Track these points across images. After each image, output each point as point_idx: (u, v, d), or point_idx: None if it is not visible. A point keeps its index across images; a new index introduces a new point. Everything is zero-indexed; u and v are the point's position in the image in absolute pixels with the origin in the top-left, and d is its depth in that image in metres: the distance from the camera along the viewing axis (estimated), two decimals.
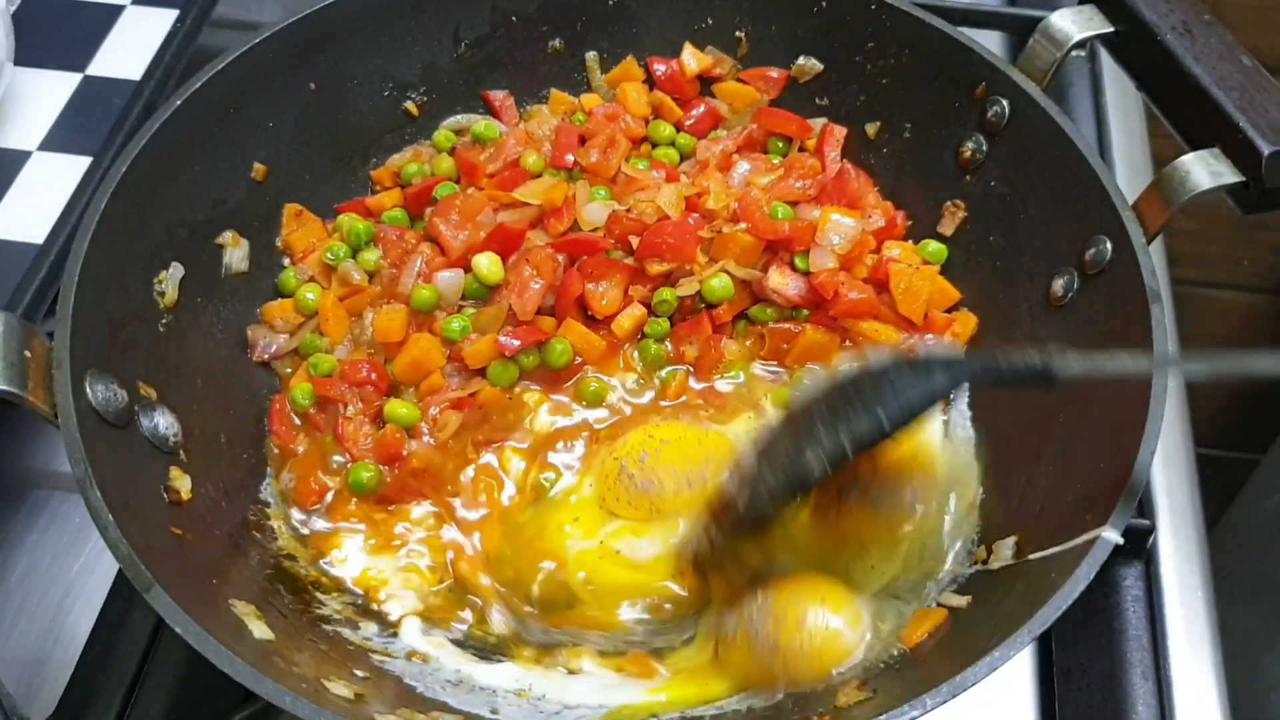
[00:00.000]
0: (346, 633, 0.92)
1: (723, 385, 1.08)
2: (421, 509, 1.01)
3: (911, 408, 0.82)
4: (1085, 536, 0.78)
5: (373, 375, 1.03)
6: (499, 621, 0.96)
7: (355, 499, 1.00)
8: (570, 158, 1.15)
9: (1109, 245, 0.93)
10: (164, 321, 0.96)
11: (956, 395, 1.07)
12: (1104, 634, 0.99)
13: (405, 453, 1.01)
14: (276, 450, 1.04)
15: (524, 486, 1.02)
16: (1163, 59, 0.96)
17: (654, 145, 1.19)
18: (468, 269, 1.07)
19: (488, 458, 1.04)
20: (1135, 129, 1.37)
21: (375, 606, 0.96)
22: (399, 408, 1.02)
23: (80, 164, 1.16)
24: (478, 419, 1.04)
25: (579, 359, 1.07)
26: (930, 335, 1.09)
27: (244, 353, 1.06)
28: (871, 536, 0.97)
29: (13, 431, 1.12)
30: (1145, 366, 0.83)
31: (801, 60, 1.18)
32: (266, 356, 1.07)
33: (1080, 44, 1.01)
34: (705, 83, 1.22)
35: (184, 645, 0.72)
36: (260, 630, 0.82)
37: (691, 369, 1.09)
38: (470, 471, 1.03)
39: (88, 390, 0.82)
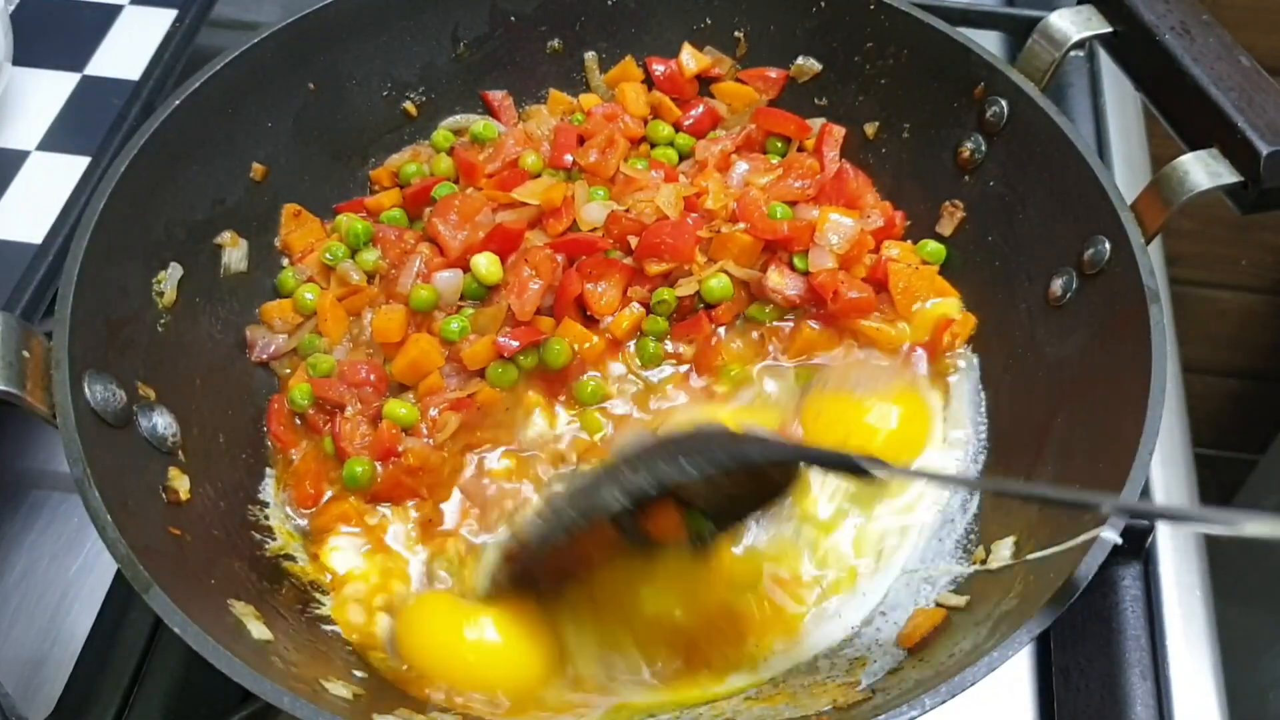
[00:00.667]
0: (346, 632, 0.92)
1: (720, 386, 1.08)
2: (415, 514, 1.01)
3: (717, 460, 0.84)
4: (1084, 536, 0.78)
5: (371, 376, 1.03)
6: None
7: (351, 497, 1.00)
8: (569, 158, 1.15)
9: (1107, 245, 0.93)
10: (163, 321, 0.96)
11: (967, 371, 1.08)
12: (1102, 634, 0.99)
13: (401, 449, 1.00)
14: (276, 451, 1.04)
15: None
16: (1161, 59, 0.96)
17: (653, 145, 1.19)
18: (466, 269, 1.07)
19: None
20: (1134, 129, 1.37)
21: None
22: (398, 408, 1.02)
23: (79, 164, 1.16)
24: (476, 420, 1.04)
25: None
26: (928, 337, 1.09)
27: (243, 353, 1.06)
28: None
29: (11, 431, 1.12)
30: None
31: (800, 60, 1.18)
32: (265, 357, 1.07)
33: (1079, 44, 1.01)
34: (704, 83, 1.22)
35: (182, 645, 0.72)
36: (259, 630, 0.82)
37: (691, 368, 1.09)
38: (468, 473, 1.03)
39: (86, 390, 0.82)
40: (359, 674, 0.87)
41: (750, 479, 0.87)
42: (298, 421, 1.04)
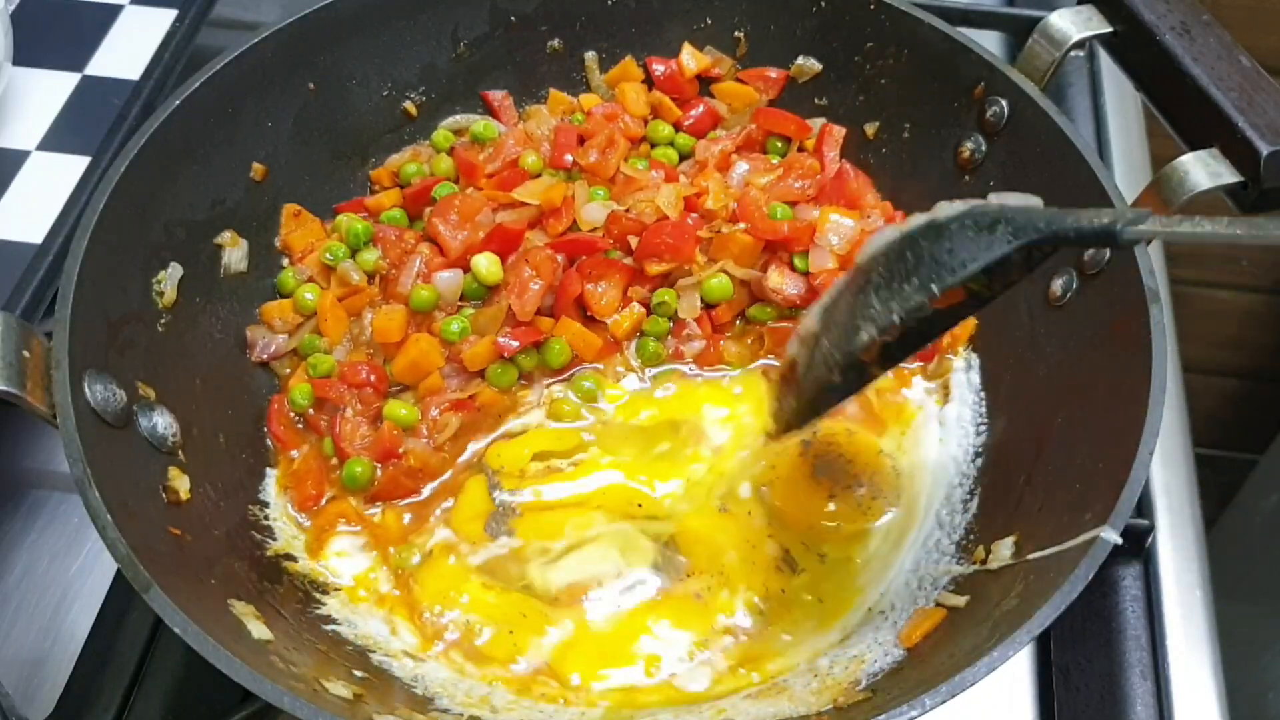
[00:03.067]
0: (345, 632, 0.92)
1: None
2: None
3: (966, 273, 0.79)
4: (1084, 536, 0.78)
5: (372, 377, 1.03)
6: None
7: (350, 497, 1.00)
8: (569, 158, 1.15)
9: None
10: (163, 321, 0.96)
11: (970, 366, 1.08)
12: (1103, 633, 0.99)
13: (401, 450, 1.00)
14: (277, 451, 1.04)
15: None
16: (1161, 59, 0.96)
17: (653, 145, 1.19)
18: (467, 269, 1.07)
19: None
20: (1134, 129, 1.37)
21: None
22: (399, 408, 1.02)
23: (79, 164, 1.16)
24: (477, 419, 1.04)
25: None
26: None
27: (243, 353, 1.06)
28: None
29: (11, 431, 1.12)
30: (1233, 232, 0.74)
31: (800, 60, 1.18)
32: (265, 357, 1.07)
33: (1079, 44, 1.01)
34: (704, 83, 1.21)
35: (182, 645, 0.72)
36: (259, 630, 0.82)
37: (691, 367, 1.09)
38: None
39: (86, 390, 0.82)
40: (359, 674, 0.87)
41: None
42: (298, 422, 1.04)
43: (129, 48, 1.27)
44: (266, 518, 0.99)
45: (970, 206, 0.82)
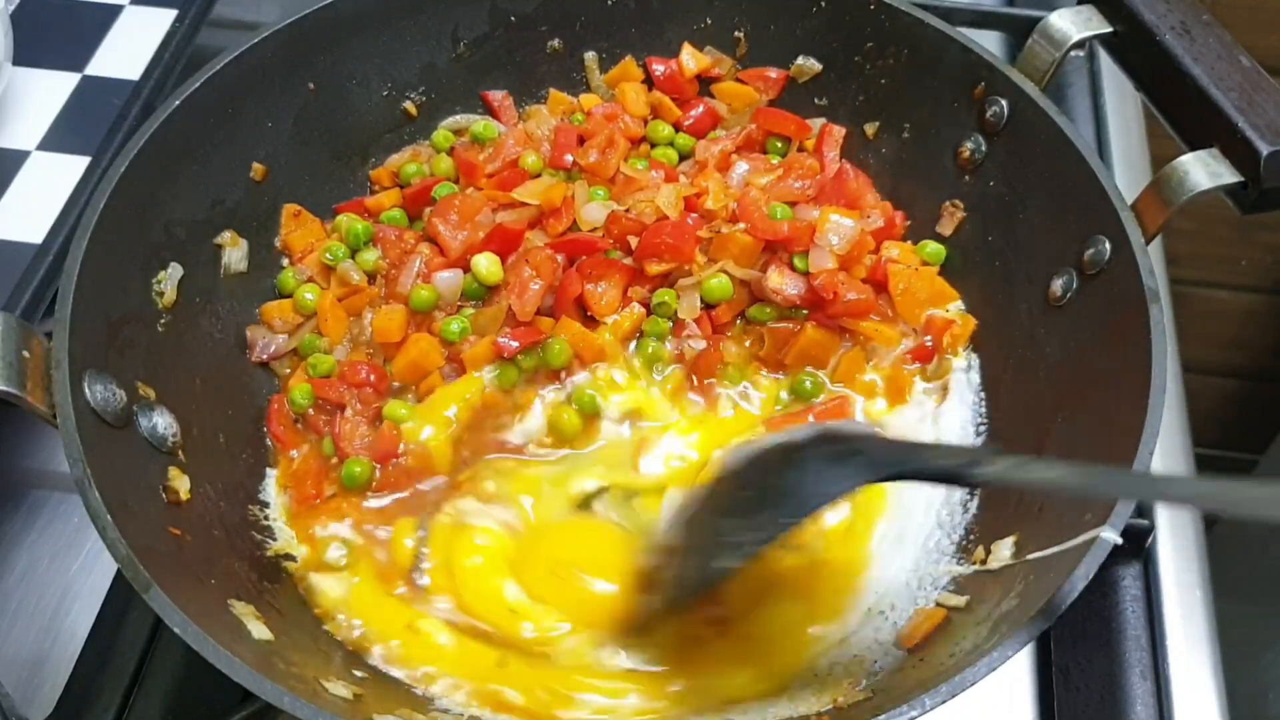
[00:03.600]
0: (345, 632, 0.92)
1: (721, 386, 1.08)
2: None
3: (817, 505, 0.84)
4: (1084, 536, 0.78)
5: (371, 377, 1.03)
6: None
7: (351, 496, 1.00)
8: (569, 158, 1.15)
9: (1108, 245, 0.93)
10: (163, 321, 0.96)
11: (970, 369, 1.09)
12: (1103, 634, 0.99)
13: (401, 450, 1.00)
14: (277, 451, 1.04)
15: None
16: (1161, 59, 0.96)
17: (653, 145, 1.19)
18: (467, 269, 1.07)
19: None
20: (1134, 129, 1.37)
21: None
22: (399, 408, 1.02)
23: (79, 164, 1.16)
24: (479, 419, 1.04)
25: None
26: (928, 338, 1.09)
27: (243, 353, 1.06)
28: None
29: (11, 431, 1.12)
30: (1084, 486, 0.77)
31: (800, 60, 1.18)
32: (265, 357, 1.07)
33: (1079, 44, 1.01)
34: (704, 83, 1.21)
35: (182, 645, 0.72)
36: (259, 630, 0.82)
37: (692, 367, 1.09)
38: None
39: (86, 390, 0.82)
40: (359, 674, 0.87)
41: None
42: (297, 422, 1.04)
43: (129, 48, 1.27)
44: (266, 518, 0.99)
45: (822, 432, 0.88)
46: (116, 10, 1.31)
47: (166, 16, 1.30)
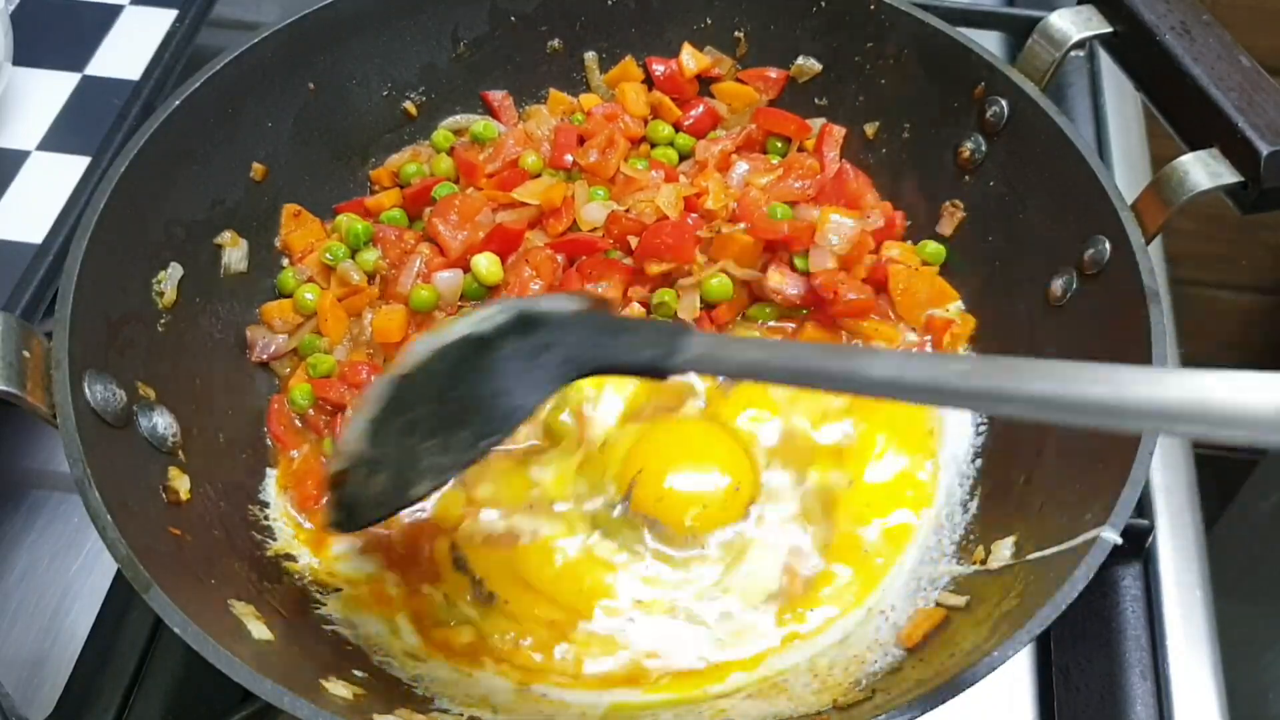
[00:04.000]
0: (345, 632, 0.92)
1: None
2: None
3: (516, 421, 0.78)
4: (1084, 536, 0.78)
5: (372, 378, 1.03)
6: None
7: None
8: (569, 158, 1.15)
9: (1107, 245, 0.93)
10: (163, 321, 0.96)
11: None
12: (1102, 634, 0.99)
13: None
14: (278, 451, 1.04)
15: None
16: (1161, 59, 0.96)
17: (653, 145, 1.19)
18: (467, 269, 1.07)
19: None
20: (1134, 129, 1.37)
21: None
22: None
23: (79, 164, 1.16)
24: None
25: None
26: (928, 338, 1.09)
27: (243, 353, 1.06)
28: None
29: (11, 431, 1.12)
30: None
31: (800, 60, 1.18)
32: (265, 357, 1.07)
33: (1079, 44, 1.01)
34: (704, 83, 1.21)
35: (182, 645, 0.72)
36: (259, 630, 0.82)
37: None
38: None
39: (86, 390, 0.82)
40: (359, 674, 0.87)
41: None
42: (298, 422, 1.04)
43: (129, 48, 1.27)
44: (266, 518, 0.99)
45: (516, 314, 0.78)
46: (116, 10, 1.31)
47: (166, 16, 1.30)
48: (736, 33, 1.19)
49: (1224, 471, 2.15)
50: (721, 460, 1.00)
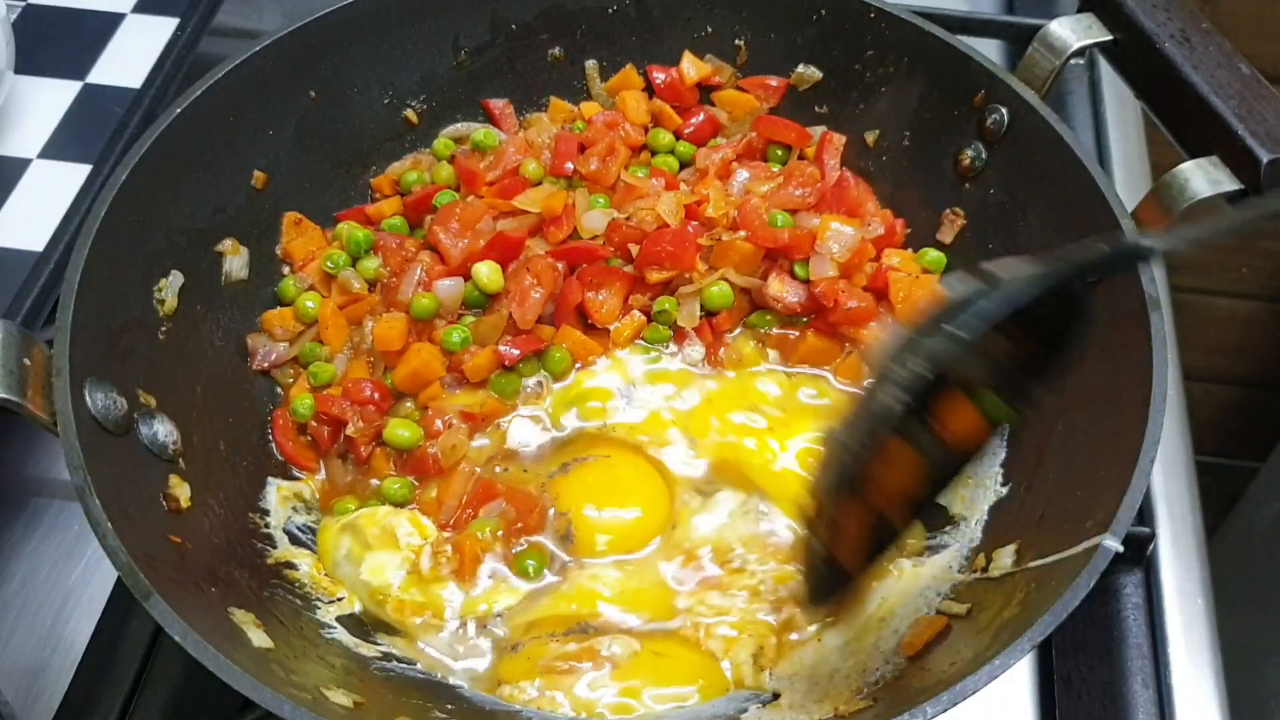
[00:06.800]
0: (346, 640, 0.92)
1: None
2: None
3: (983, 313, 0.74)
4: (1086, 544, 0.78)
5: (376, 395, 1.03)
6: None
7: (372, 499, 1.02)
8: (570, 166, 1.15)
9: None
10: (163, 329, 0.96)
11: None
12: (1104, 642, 0.99)
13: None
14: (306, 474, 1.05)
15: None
16: (1161, 67, 0.96)
17: (653, 153, 1.19)
18: (468, 277, 1.07)
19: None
20: (1134, 137, 1.38)
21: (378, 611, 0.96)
22: (399, 428, 1.01)
23: (80, 172, 1.16)
24: (479, 426, 1.04)
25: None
26: None
27: (244, 361, 1.06)
28: None
29: (12, 439, 1.12)
30: None
31: (801, 68, 1.18)
32: (266, 365, 1.07)
33: (1079, 52, 1.02)
34: (705, 91, 1.22)
35: (182, 653, 0.72)
36: (259, 638, 0.82)
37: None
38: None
39: (87, 398, 0.82)
40: (359, 682, 0.87)
41: (1027, 330, 0.76)
42: (303, 434, 1.04)
43: (130, 56, 1.27)
44: (267, 525, 0.99)
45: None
46: (118, 19, 1.31)
47: (168, 25, 1.30)
48: (737, 41, 1.19)
49: (1225, 479, 2.16)
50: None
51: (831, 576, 0.85)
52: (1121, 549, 0.77)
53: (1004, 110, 1.04)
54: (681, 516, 1.01)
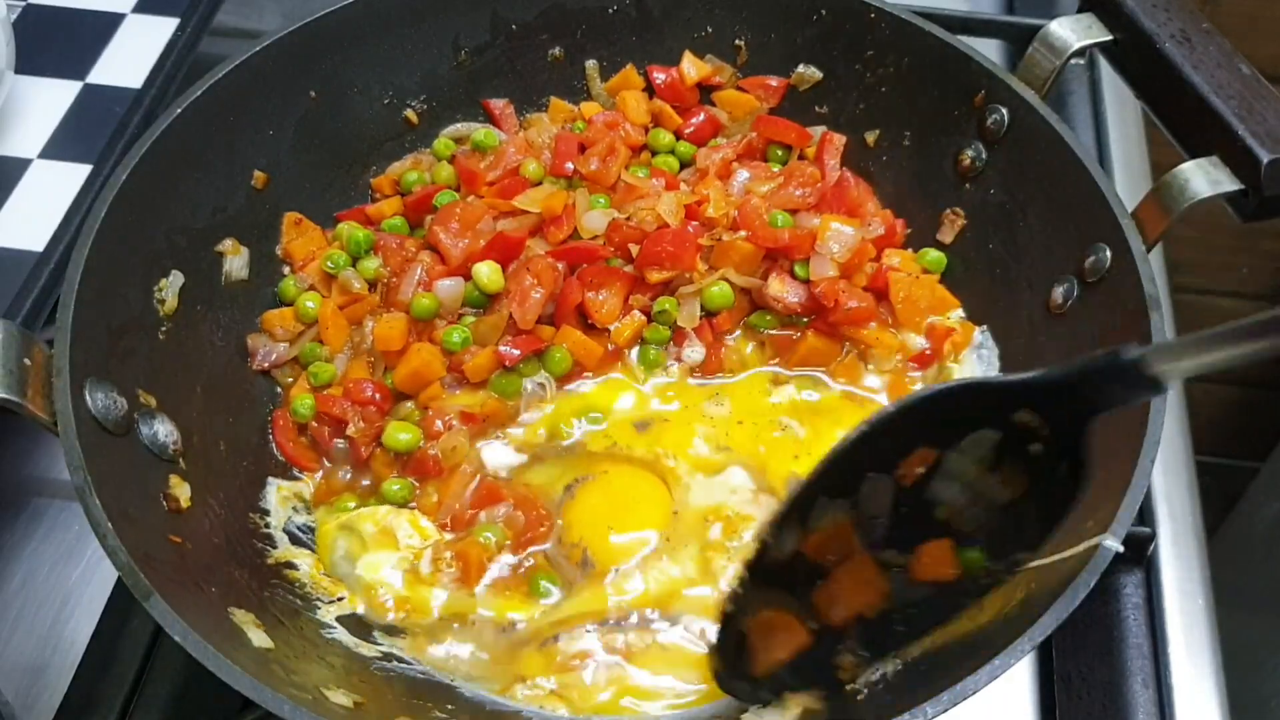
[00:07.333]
0: (346, 640, 0.92)
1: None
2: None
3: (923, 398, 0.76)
4: (1086, 544, 0.78)
5: (376, 396, 1.03)
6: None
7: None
8: (570, 166, 1.15)
9: (1108, 253, 0.93)
10: (164, 329, 0.96)
11: None
12: (1104, 641, 0.99)
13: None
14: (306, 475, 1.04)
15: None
16: (1161, 67, 0.96)
17: (654, 153, 1.20)
18: (468, 277, 1.07)
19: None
20: (1134, 137, 1.38)
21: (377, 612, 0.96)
22: (398, 431, 1.01)
23: (80, 172, 1.16)
24: (481, 429, 1.04)
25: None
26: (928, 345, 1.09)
27: (244, 361, 1.06)
28: None
29: (12, 439, 1.12)
30: None
31: (801, 68, 1.18)
32: (266, 365, 1.07)
33: (1079, 52, 1.02)
34: (705, 91, 1.22)
35: (183, 653, 0.72)
36: (259, 638, 0.82)
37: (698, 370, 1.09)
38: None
39: (87, 398, 0.82)
40: (360, 682, 0.87)
41: (1020, 475, 0.76)
42: (302, 435, 1.04)
43: (131, 56, 1.27)
44: (267, 525, 0.99)
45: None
46: (118, 19, 1.31)
47: (168, 25, 1.30)
48: (737, 41, 1.19)
49: (1225, 479, 2.16)
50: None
51: (739, 664, 0.85)
52: (1122, 549, 0.77)
53: (1004, 110, 1.04)
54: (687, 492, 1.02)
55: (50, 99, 1.23)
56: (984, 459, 0.77)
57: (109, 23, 1.30)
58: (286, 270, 1.11)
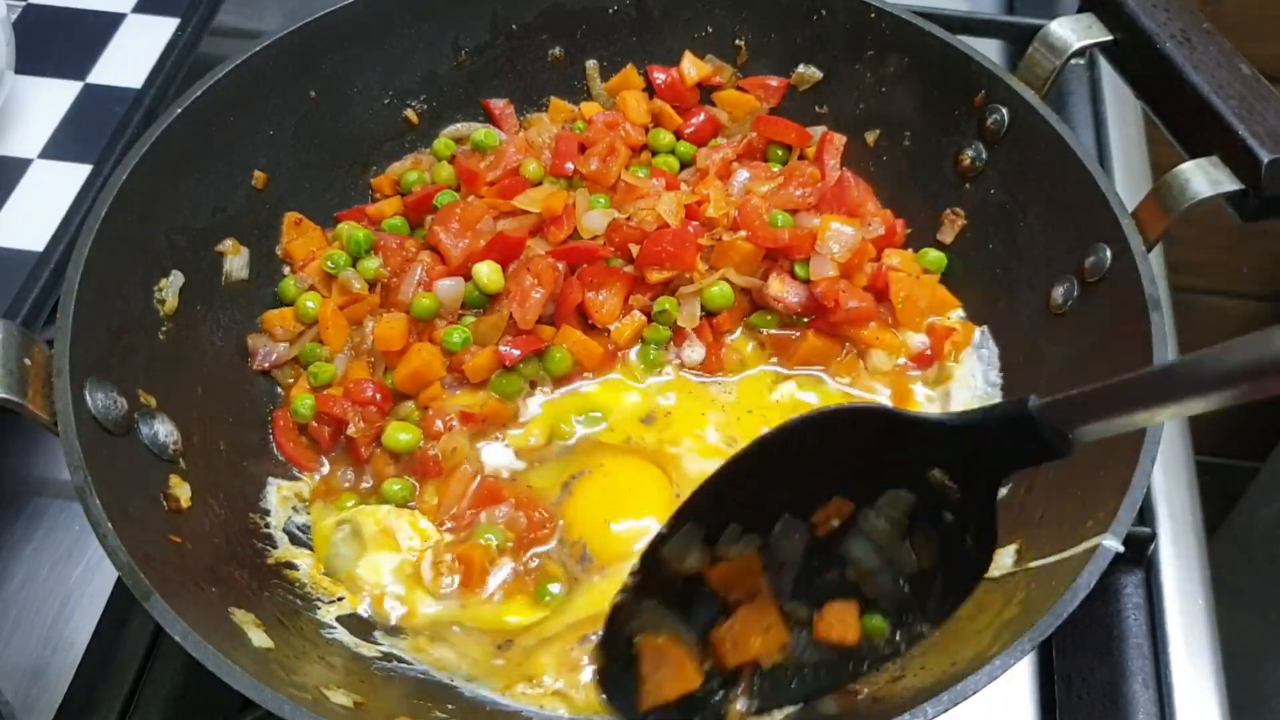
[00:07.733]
0: (347, 640, 0.92)
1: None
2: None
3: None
4: (1086, 544, 0.78)
5: (377, 396, 1.03)
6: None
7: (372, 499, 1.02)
8: (570, 166, 1.15)
9: (1108, 253, 0.93)
10: (164, 329, 0.96)
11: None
12: (1104, 642, 0.99)
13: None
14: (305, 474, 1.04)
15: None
16: (1162, 67, 0.96)
17: (654, 153, 1.20)
18: (468, 277, 1.07)
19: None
20: (1134, 137, 1.38)
21: (377, 612, 0.96)
22: (399, 431, 1.01)
23: (81, 172, 1.16)
24: (481, 430, 1.04)
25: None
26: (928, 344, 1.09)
27: (244, 361, 1.06)
28: None
29: (12, 439, 1.12)
30: None
31: (801, 68, 1.18)
32: (267, 365, 1.07)
33: (1079, 52, 1.02)
34: (705, 91, 1.22)
35: (183, 654, 0.72)
36: (260, 638, 0.82)
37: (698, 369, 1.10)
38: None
39: (87, 398, 0.82)
40: (360, 682, 0.87)
41: (931, 545, 0.77)
42: (303, 435, 1.04)
43: (131, 56, 1.27)
44: (267, 525, 0.99)
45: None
46: (119, 19, 1.31)
47: (169, 25, 1.30)
48: (737, 41, 1.19)
49: (1226, 479, 2.15)
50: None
51: (624, 679, 0.85)
52: (1122, 549, 0.77)
53: (1004, 110, 1.04)
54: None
55: (50, 99, 1.23)
56: (898, 521, 0.78)
57: (109, 23, 1.30)
58: (286, 270, 1.11)
